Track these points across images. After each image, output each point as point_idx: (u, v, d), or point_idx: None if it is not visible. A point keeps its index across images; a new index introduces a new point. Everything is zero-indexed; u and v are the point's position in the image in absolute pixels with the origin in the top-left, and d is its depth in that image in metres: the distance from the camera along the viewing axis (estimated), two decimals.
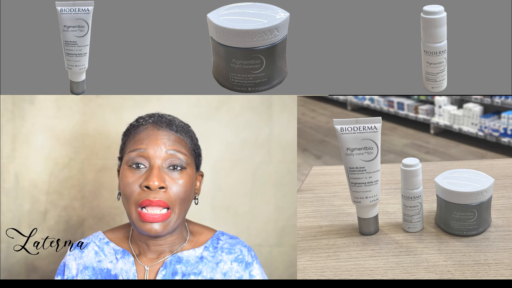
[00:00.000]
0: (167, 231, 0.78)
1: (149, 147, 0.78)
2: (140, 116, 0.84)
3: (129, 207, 0.78)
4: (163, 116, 0.83)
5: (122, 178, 0.79)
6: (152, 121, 0.81)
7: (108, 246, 0.84)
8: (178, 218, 0.79)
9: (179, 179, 0.78)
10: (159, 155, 0.78)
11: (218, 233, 0.86)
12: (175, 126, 0.81)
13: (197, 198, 0.85)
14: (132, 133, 0.82)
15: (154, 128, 0.80)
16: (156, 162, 0.78)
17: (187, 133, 0.83)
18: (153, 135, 0.79)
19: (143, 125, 0.81)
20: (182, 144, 0.81)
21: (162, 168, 0.78)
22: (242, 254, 0.83)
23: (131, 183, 0.77)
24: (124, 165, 0.80)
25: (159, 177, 0.77)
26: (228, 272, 0.81)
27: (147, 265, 0.82)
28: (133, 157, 0.78)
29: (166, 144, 0.79)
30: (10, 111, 1.20)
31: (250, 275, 0.82)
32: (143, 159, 0.78)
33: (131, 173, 0.78)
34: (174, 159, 0.79)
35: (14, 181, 1.20)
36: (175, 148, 0.79)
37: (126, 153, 0.80)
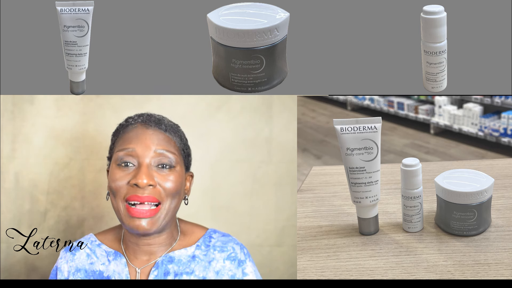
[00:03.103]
0: (155, 228, 0.77)
1: (137, 146, 0.78)
2: (129, 116, 0.84)
3: (117, 203, 0.78)
4: (152, 116, 0.83)
5: (111, 175, 0.79)
6: (141, 120, 0.81)
7: (99, 248, 0.84)
8: (166, 215, 0.78)
9: (168, 175, 0.78)
10: (148, 154, 0.78)
11: (210, 231, 0.85)
12: (164, 126, 0.81)
13: (187, 198, 0.85)
14: (121, 132, 0.82)
15: (143, 128, 0.80)
16: (145, 161, 0.78)
17: (176, 132, 0.83)
18: (142, 134, 0.79)
19: (132, 125, 0.81)
20: (171, 143, 0.81)
21: (151, 166, 0.78)
22: (235, 252, 0.83)
23: (118, 180, 0.78)
24: (112, 164, 0.80)
25: (147, 175, 0.77)
26: (220, 271, 0.81)
27: (138, 268, 0.81)
28: (122, 156, 0.78)
29: (155, 143, 0.79)
30: (10, 111, 1.20)
31: (243, 273, 0.82)
32: (132, 158, 0.78)
33: (120, 171, 0.78)
34: (163, 158, 0.79)
35: (14, 181, 1.20)
36: (163, 147, 0.79)
37: (114, 152, 0.80)
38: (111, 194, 0.79)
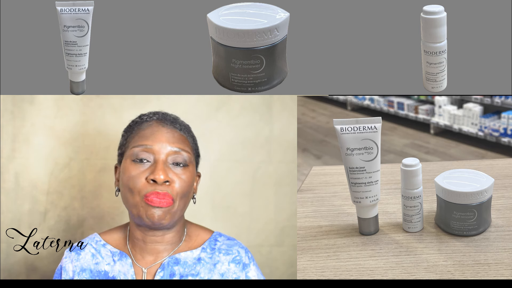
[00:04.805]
0: (168, 221, 0.78)
1: (154, 143, 0.79)
2: (142, 114, 0.85)
3: (133, 198, 0.78)
4: (167, 114, 0.85)
5: (125, 171, 0.79)
6: (156, 118, 0.83)
7: (105, 248, 0.84)
8: (177, 212, 0.79)
9: (182, 174, 0.80)
10: (164, 151, 0.79)
11: (216, 234, 0.86)
12: (179, 125, 0.83)
13: (195, 197, 0.86)
14: (135, 129, 0.82)
15: (158, 125, 0.81)
16: (161, 157, 0.79)
17: (189, 132, 0.85)
18: (158, 131, 0.81)
19: (147, 122, 0.82)
20: (185, 142, 0.82)
21: (167, 163, 0.79)
22: (240, 255, 0.83)
23: (135, 176, 0.78)
24: (127, 160, 0.80)
25: (164, 171, 0.78)
26: (225, 273, 0.81)
27: (145, 267, 0.82)
28: (138, 152, 0.79)
29: (171, 141, 0.80)
30: (10, 111, 1.20)
31: (247, 276, 0.82)
32: (148, 154, 0.79)
33: (135, 167, 0.79)
34: (178, 156, 0.80)
35: (14, 181, 1.20)
36: (179, 145, 0.80)
37: (129, 148, 0.81)
38: (127, 191, 0.79)
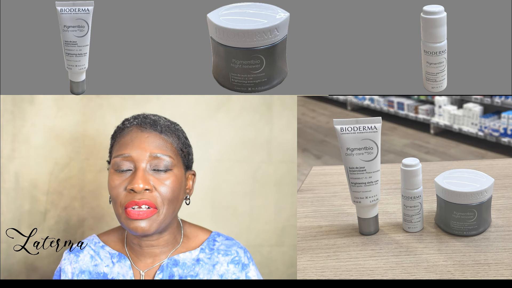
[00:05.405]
0: (154, 229, 0.77)
1: (132, 151, 0.78)
2: (126, 118, 0.84)
3: (117, 209, 0.78)
4: (148, 117, 0.82)
5: (109, 181, 0.79)
6: (136, 123, 0.81)
7: (103, 250, 0.84)
8: (165, 218, 0.78)
9: (165, 179, 0.78)
10: (143, 158, 0.78)
11: (214, 234, 0.86)
12: (159, 127, 0.81)
13: (189, 198, 0.84)
14: (118, 136, 0.82)
15: (138, 130, 0.80)
16: (141, 165, 0.77)
17: (173, 132, 0.82)
18: (137, 138, 0.79)
19: (127, 127, 0.81)
20: (167, 145, 0.80)
21: (147, 170, 0.78)
22: (239, 255, 0.83)
23: (117, 186, 0.78)
24: (111, 169, 0.80)
25: (143, 179, 0.76)
26: (224, 274, 0.81)
27: (143, 270, 0.82)
28: (118, 162, 0.78)
29: (151, 146, 0.78)
30: (10, 111, 1.20)
31: (246, 277, 0.82)
32: (128, 163, 0.78)
33: (117, 177, 0.78)
34: (158, 161, 0.78)
35: (14, 181, 1.20)
36: (159, 150, 0.79)
37: (112, 157, 0.81)
38: (112, 200, 0.79)
